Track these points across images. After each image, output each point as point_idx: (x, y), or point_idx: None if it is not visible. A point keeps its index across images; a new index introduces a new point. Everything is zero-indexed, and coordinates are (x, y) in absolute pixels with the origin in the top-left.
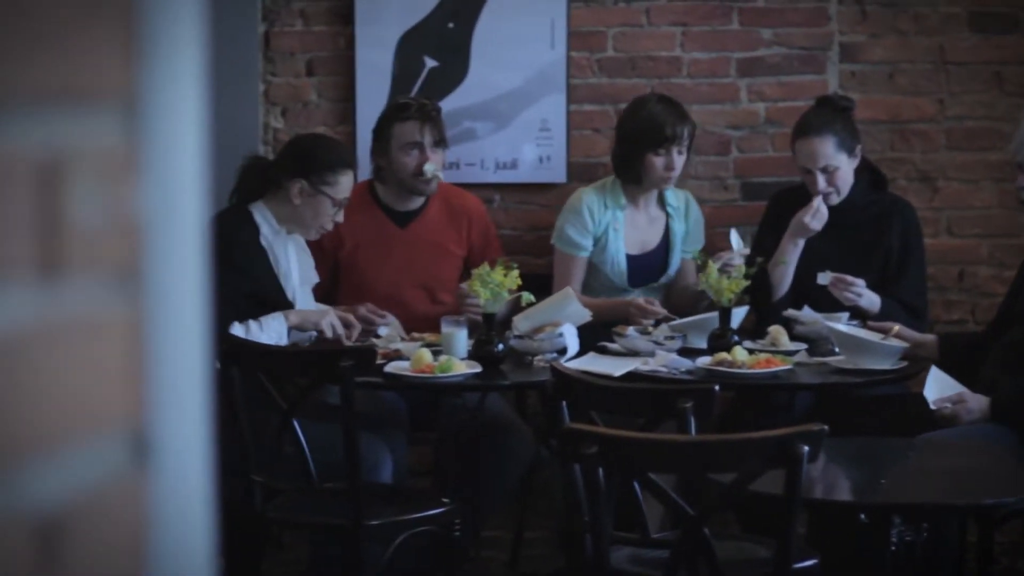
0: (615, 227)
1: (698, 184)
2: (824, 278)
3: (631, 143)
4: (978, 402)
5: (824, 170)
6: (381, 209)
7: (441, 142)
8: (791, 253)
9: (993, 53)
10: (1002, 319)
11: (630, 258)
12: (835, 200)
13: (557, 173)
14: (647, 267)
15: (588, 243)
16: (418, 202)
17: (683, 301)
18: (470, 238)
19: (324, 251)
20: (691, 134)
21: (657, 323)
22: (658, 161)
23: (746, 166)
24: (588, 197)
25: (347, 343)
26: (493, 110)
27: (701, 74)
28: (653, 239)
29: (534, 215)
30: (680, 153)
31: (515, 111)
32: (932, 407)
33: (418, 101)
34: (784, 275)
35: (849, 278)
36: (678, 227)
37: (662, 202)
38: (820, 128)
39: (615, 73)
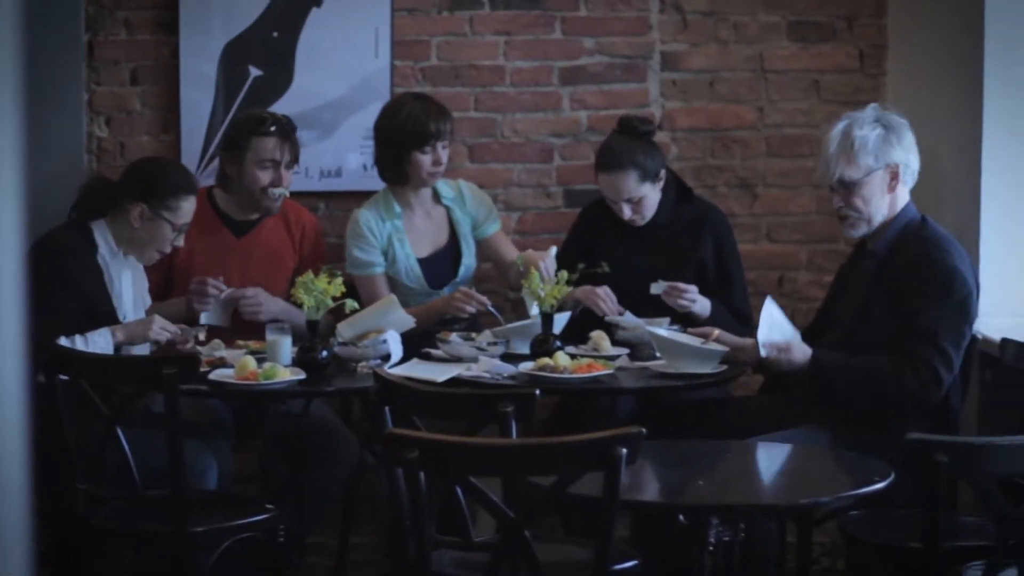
0: (398, 237)
1: (521, 191)
2: (658, 288)
3: (395, 144)
4: (802, 353)
5: (629, 201)
6: (219, 217)
7: (295, 161)
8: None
9: (811, 62)
10: (819, 324)
11: (422, 262)
12: (640, 223)
13: (380, 181)
14: (442, 266)
15: (378, 258)
16: (257, 213)
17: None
18: (302, 250)
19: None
20: (452, 128)
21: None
22: (424, 159)
23: (569, 174)
24: (364, 216)
25: (185, 345)
26: (318, 118)
27: (524, 83)
28: (441, 237)
29: None
30: (444, 148)
31: (340, 119)
32: (761, 352)
33: (274, 116)
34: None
35: (682, 285)
36: (461, 217)
37: (438, 198)
38: (622, 163)
39: (439, 82)
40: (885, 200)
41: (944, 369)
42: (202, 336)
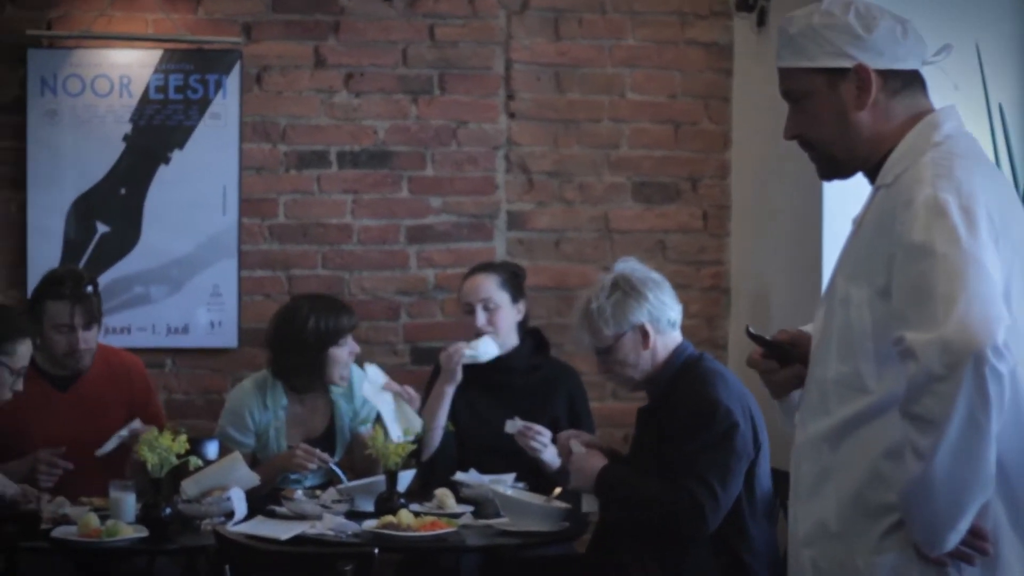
0: (276, 427)
1: (368, 348)
2: (513, 426)
3: (311, 348)
4: (598, 460)
5: (485, 306)
6: (39, 373)
7: (93, 321)
8: (441, 408)
9: (656, 222)
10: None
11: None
12: (494, 349)
13: (228, 338)
14: None
15: (250, 440)
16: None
17: (364, 468)
18: (132, 394)
19: None
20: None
21: (327, 485)
22: (341, 352)
23: (416, 331)
24: (247, 398)
25: (27, 505)
26: (165, 275)
27: (372, 240)
28: (318, 427)
29: (206, 379)
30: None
31: (187, 276)
32: (572, 446)
33: (73, 277)
34: (433, 436)
35: (537, 427)
36: (346, 410)
37: (326, 389)
38: (488, 267)
39: (287, 239)
40: (645, 355)
41: (708, 500)
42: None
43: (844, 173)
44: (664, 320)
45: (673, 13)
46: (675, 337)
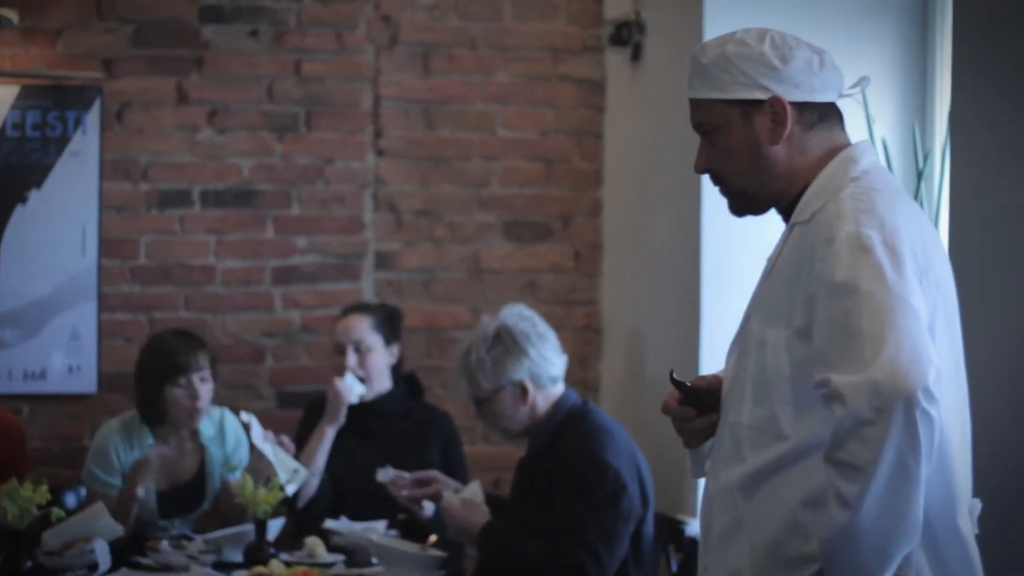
0: None
1: (232, 393)
2: (384, 475)
3: (148, 385)
4: (480, 516)
5: (357, 347)
6: None
7: None
8: (321, 451)
9: (527, 261)
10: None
11: (161, 494)
12: (358, 388)
13: (88, 383)
14: (182, 499)
15: (116, 481)
16: None
17: (232, 517)
18: (6, 453)
19: None
20: (212, 361)
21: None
22: (177, 393)
23: (281, 375)
24: (112, 437)
25: None
26: (22, 317)
27: (236, 282)
28: (187, 472)
29: (65, 426)
30: (203, 380)
31: (45, 319)
32: (444, 494)
33: None
34: (312, 482)
35: (408, 475)
36: (216, 453)
37: (195, 434)
38: (362, 309)
39: (148, 281)
40: (523, 410)
41: (591, 565)
42: None
43: (757, 209)
44: (545, 376)
45: (545, 48)
46: (557, 390)
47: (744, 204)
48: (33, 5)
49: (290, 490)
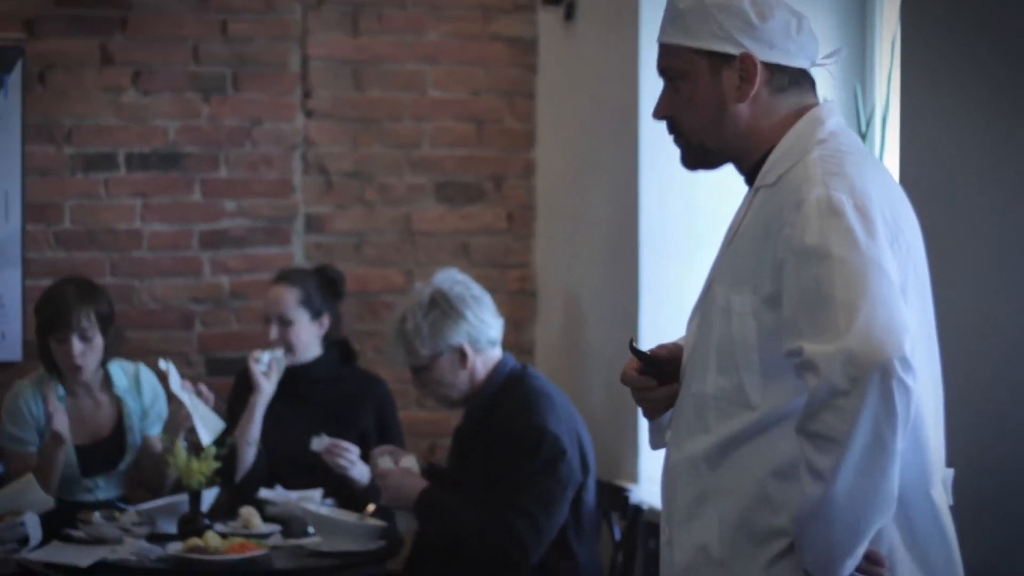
0: None
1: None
2: (319, 443)
3: (37, 330)
4: (417, 481)
5: (280, 320)
6: None
7: None
8: (252, 423)
9: (460, 223)
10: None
11: (80, 449)
12: (286, 358)
13: (13, 351)
14: (102, 455)
15: (32, 437)
16: None
17: (154, 475)
18: None
19: None
20: (101, 315)
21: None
22: (59, 349)
23: (211, 341)
24: (24, 390)
25: None
26: None
27: (163, 247)
28: (105, 427)
29: None
30: (84, 338)
31: None
32: (378, 461)
33: None
34: (247, 453)
35: (344, 443)
36: (133, 407)
37: (108, 385)
38: (291, 279)
39: (73, 247)
40: (463, 376)
41: (529, 532)
42: None
43: (710, 163)
44: (484, 339)
45: (476, 7)
46: (495, 354)
47: (698, 158)
48: None
49: (206, 440)
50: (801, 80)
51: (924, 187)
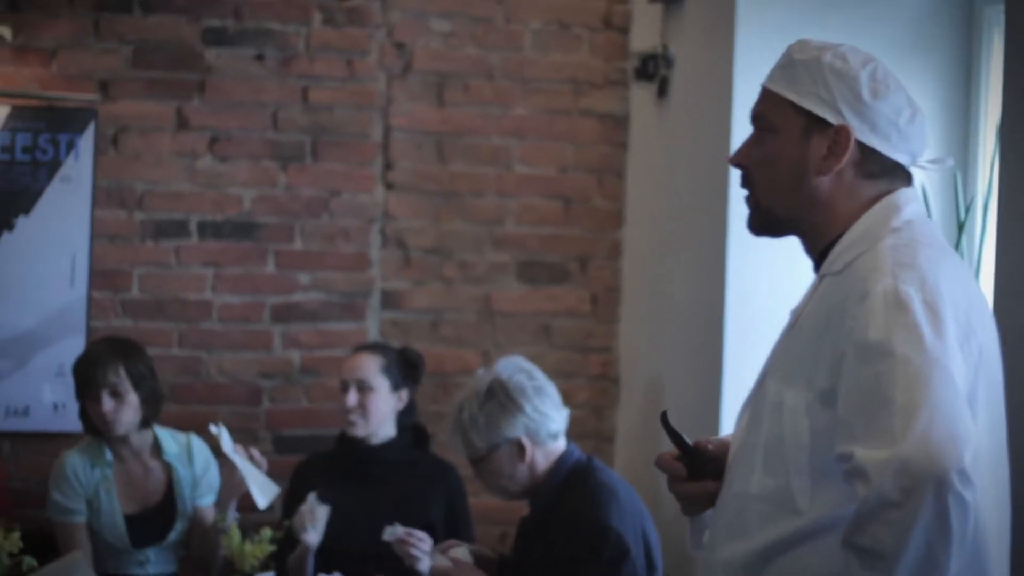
0: (105, 487)
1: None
2: (392, 533)
3: (75, 389)
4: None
5: (359, 386)
6: None
7: None
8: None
9: (541, 304)
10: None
11: (129, 519)
12: (357, 424)
13: (74, 421)
14: (152, 523)
15: (80, 506)
16: None
17: (204, 548)
18: None
19: None
20: (134, 373)
21: None
22: (94, 407)
23: (279, 418)
24: (72, 459)
25: None
26: (6, 352)
27: (233, 319)
28: (155, 494)
29: (47, 466)
30: (115, 396)
31: (30, 354)
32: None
33: None
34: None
35: (419, 532)
36: (184, 476)
37: (158, 452)
38: (373, 349)
39: (140, 316)
40: (522, 469)
41: None
42: None
43: (775, 231)
44: (544, 432)
45: (567, 81)
46: (558, 447)
47: (764, 222)
48: (28, 22)
49: (262, 504)
50: (896, 172)
51: (1020, 283)
